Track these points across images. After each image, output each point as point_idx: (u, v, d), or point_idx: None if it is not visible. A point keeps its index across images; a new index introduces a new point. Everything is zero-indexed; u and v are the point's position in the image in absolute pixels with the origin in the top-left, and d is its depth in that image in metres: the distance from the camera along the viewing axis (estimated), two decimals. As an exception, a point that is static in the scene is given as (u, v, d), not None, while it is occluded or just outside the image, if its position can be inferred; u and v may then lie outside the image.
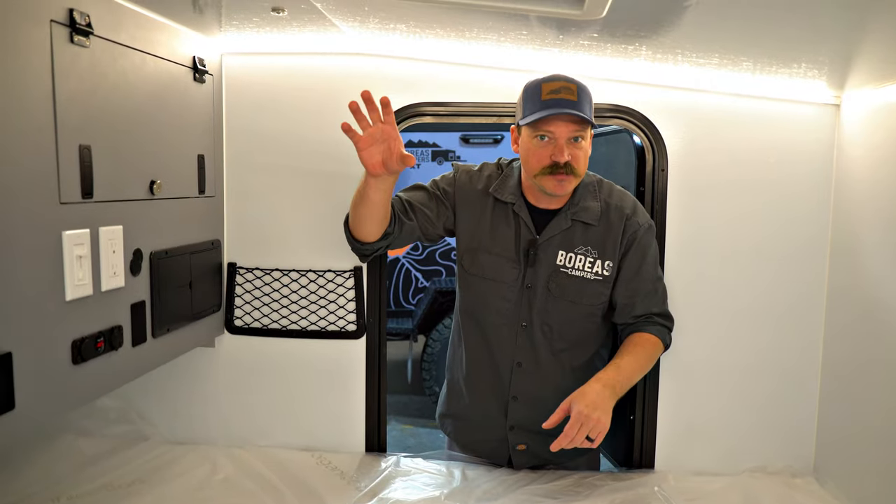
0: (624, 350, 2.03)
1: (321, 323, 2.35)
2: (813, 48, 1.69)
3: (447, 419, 2.30)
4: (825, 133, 2.19)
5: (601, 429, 1.77)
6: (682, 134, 2.22)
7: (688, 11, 1.47)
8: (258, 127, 2.31)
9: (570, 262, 2.03)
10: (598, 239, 2.04)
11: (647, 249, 2.07)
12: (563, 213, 2.03)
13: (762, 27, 1.57)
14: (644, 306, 2.08)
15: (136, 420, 2.39)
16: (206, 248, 2.19)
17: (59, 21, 1.49)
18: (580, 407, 1.77)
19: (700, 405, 2.32)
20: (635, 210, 2.07)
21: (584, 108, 1.85)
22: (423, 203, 2.08)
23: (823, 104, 2.18)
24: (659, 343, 2.07)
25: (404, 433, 5.26)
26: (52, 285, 1.51)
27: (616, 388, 1.88)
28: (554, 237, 2.03)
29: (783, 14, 1.44)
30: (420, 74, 2.25)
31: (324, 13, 1.80)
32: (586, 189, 2.05)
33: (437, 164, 6.31)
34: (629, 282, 2.06)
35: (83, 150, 1.58)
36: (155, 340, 1.91)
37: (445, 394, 2.31)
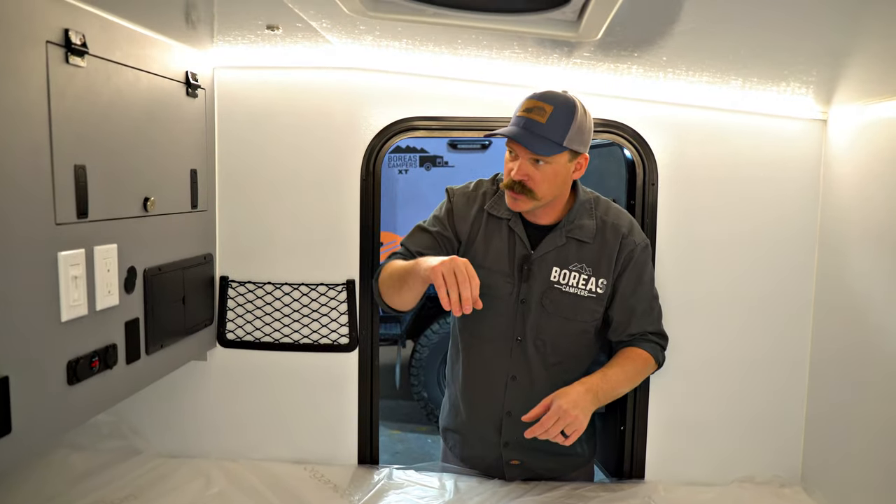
0: (613, 361, 2.05)
1: (313, 336, 2.36)
2: (801, 67, 1.71)
3: (448, 433, 2.31)
4: (812, 148, 2.22)
5: (577, 426, 1.79)
6: (671, 148, 2.24)
7: (680, 34, 1.49)
8: (251, 140, 2.31)
9: (564, 279, 2.03)
10: (592, 256, 2.04)
11: (643, 268, 2.09)
12: (559, 230, 2.03)
13: (752, 47, 1.59)
14: (639, 325, 2.09)
15: (128, 434, 2.38)
16: (199, 263, 2.19)
17: (54, 42, 1.49)
18: (560, 402, 1.80)
19: (690, 416, 2.35)
20: (632, 229, 2.07)
21: (548, 133, 1.83)
22: (430, 249, 2.06)
23: (811, 119, 2.22)
24: (650, 360, 2.08)
25: (392, 438, 5.27)
26: (47, 307, 1.51)
27: (598, 394, 1.90)
28: (548, 253, 2.03)
29: (773, 35, 1.46)
30: (412, 89, 2.26)
31: (319, 31, 1.81)
32: (582, 206, 2.05)
33: (424, 169, 6.31)
34: (625, 300, 2.07)
35: (78, 170, 1.58)
36: (149, 357, 1.91)
37: (447, 408, 2.32)
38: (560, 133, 1.83)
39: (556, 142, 1.83)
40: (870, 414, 1.94)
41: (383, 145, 2.28)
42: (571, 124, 1.84)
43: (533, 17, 1.46)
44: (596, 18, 1.38)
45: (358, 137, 2.27)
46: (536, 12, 1.43)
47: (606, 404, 2.43)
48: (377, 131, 2.26)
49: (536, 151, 1.84)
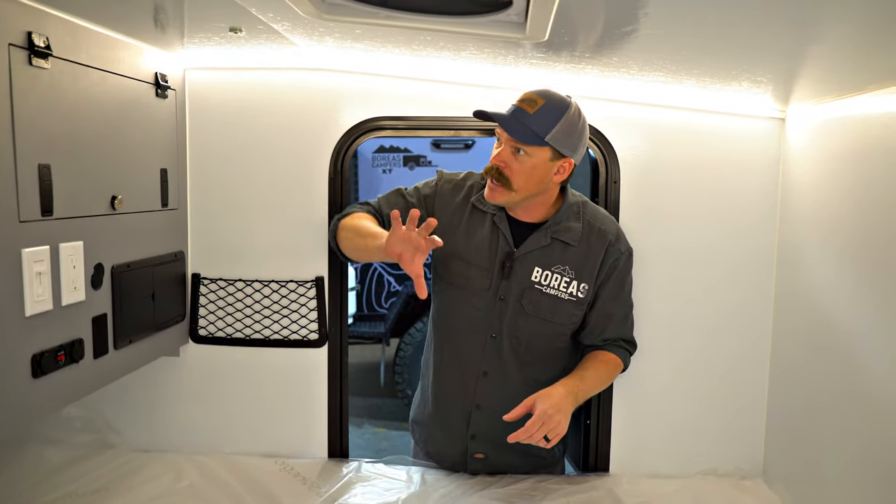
0: (588, 363, 2.07)
1: (284, 332, 2.40)
2: (756, 65, 1.74)
3: (416, 425, 2.35)
4: (771, 146, 2.27)
5: (559, 431, 1.82)
6: (634, 147, 2.29)
7: (629, 36, 1.53)
8: (222, 140, 2.35)
9: (545, 280, 2.05)
10: (576, 260, 2.05)
11: (625, 277, 2.12)
12: (544, 230, 2.04)
13: (701, 47, 1.63)
14: (615, 332, 2.13)
15: (102, 429, 2.42)
16: (170, 260, 2.24)
17: (17, 44, 1.53)
18: (545, 406, 1.80)
19: (654, 410, 2.40)
20: (618, 236, 2.09)
21: (532, 123, 1.84)
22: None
23: (769, 118, 2.26)
24: (620, 365, 2.13)
25: (377, 436, 5.31)
26: (10, 302, 1.55)
27: (577, 396, 1.92)
28: (531, 252, 2.04)
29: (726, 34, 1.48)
30: (379, 89, 2.31)
31: (281, 33, 1.85)
32: (570, 209, 2.06)
33: (408, 169, 6.36)
34: (605, 307, 2.09)
35: (42, 169, 1.62)
36: (117, 352, 1.95)
37: (418, 399, 2.35)
38: (544, 127, 1.85)
39: (539, 134, 1.85)
40: (828, 409, 1.97)
41: (350, 145, 2.32)
42: (558, 122, 1.86)
43: (480, 19, 1.50)
44: (539, 20, 1.42)
45: (326, 137, 2.32)
46: (482, 15, 1.48)
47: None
48: (344, 131, 2.31)
49: (514, 136, 1.85)
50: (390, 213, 2.06)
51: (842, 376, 1.89)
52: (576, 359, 2.16)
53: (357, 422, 5.58)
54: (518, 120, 1.86)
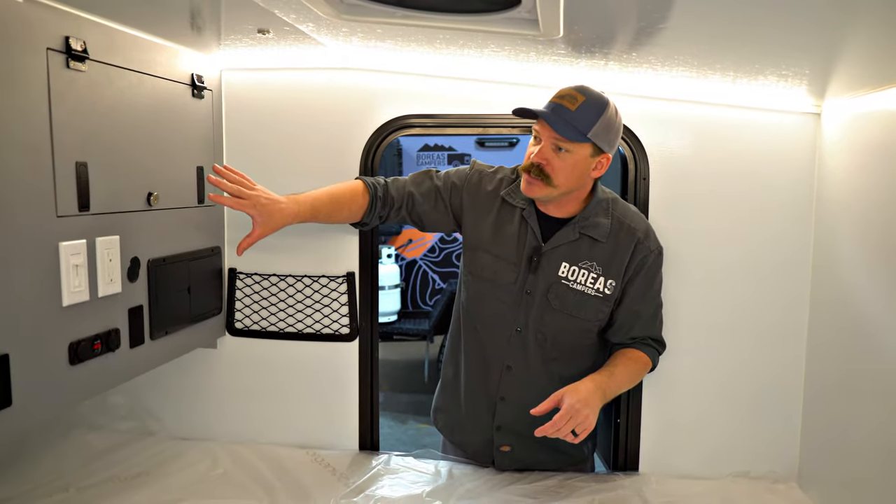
0: (618, 360, 2.06)
1: (316, 326, 2.46)
2: (788, 60, 1.71)
3: (439, 413, 2.38)
4: (806, 142, 2.22)
5: (587, 426, 1.80)
6: (663, 143, 2.27)
7: (646, 31, 1.53)
8: (257, 139, 2.42)
9: (572, 275, 2.04)
10: (604, 256, 2.05)
11: (654, 276, 2.10)
12: (572, 225, 2.04)
13: (726, 43, 1.61)
14: (643, 330, 2.11)
15: (143, 416, 2.53)
16: (206, 255, 2.31)
17: (55, 49, 1.62)
18: (572, 401, 1.80)
19: (685, 409, 2.37)
20: (648, 234, 2.08)
21: (575, 120, 1.85)
22: (424, 195, 2.16)
23: (804, 113, 2.21)
24: (649, 363, 2.12)
25: (420, 432, 5.35)
26: (49, 292, 1.63)
27: (606, 392, 1.91)
28: (559, 247, 2.04)
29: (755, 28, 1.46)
30: (408, 87, 2.34)
31: (307, 34, 1.90)
32: (599, 205, 2.06)
33: (452, 167, 6.40)
34: (633, 305, 2.08)
35: (80, 166, 1.71)
36: (153, 342, 2.03)
37: (439, 388, 2.38)
38: (586, 123, 1.86)
39: (581, 131, 1.86)
40: (867, 412, 1.92)
41: (381, 143, 2.36)
42: (600, 118, 1.87)
43: (493, 17, 1.52)
44: (550, 17, 1.43)
45: (357, 135, 2.36)
46: (495, 12, 1.49)
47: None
48: (375, 129, 2.35)
49: (559, 132, 1.86)
50: (414, 190, 2.16)
51: (881, 377, 1.84)
52: (603, 356, 2.15)
53: (401, 417, 5.64)
54: (561, 117, 1.87)
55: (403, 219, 2.21)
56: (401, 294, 6.56)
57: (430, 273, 6.54)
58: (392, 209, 2.18)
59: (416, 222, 2.22)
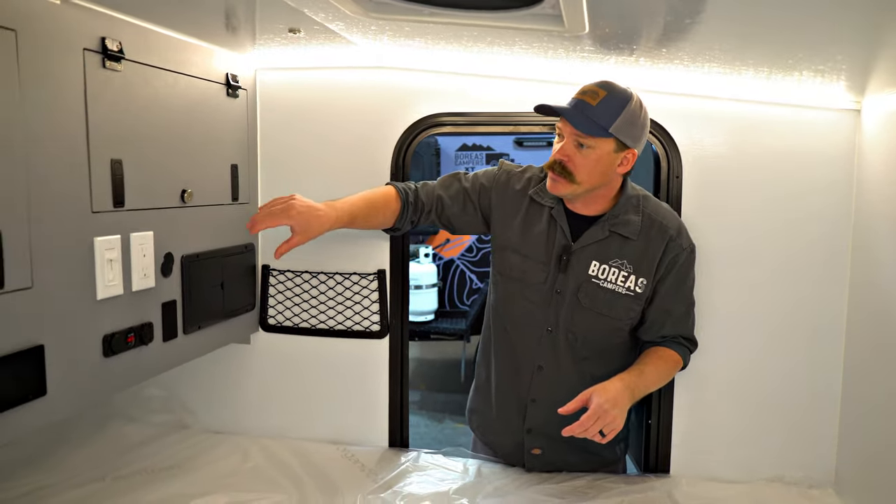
0: (648, 359, 2.04)
1: (347, 323, 2.48)
2: (825, 54, 1.66)
3: (473, 414, 2.38)
4: (845, 139, 2.16)
5: (615, 426, 1.79)
6: (697, 141, 2.23)
7: (673, 25, 1.51)
8: (291, 138, 2.45)
9: (602, 274, 2.02)
10: (635, 254, 2.02)
11: (686, 274, 2.07)
12: (601, 223, 2.02)
13: (759, 35, 1.58)
14: (674, 329, 2.08)
15: (177, 409, 2.58)
16: (240, 252, 2.35)
17: (91, 49, 1.66)
18: (600, 401, 1.78)
19: (717, 410, 2.32)
20: (680, 231, 2.04)
21: (596, 115, 1.83)
22: (452, 197, 2.17)
23: (843, 110, 2.15)
24: (680, 362, 2.08)
25: (456, 431, 5.36)
26: (84, 285, 1.68)
27: (635, 392, 1.89)
28: (589, 246, 2.02)
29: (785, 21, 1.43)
30: (439, 86, 2.35)
31: (337, 32, 1.92)
32: (629, 202, 2.03)
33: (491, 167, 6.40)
34: (664, 303, 2.05)
35: (115, 163, 1.75)
36: (186, 336, 2.08)
37: (473, 389, 2.38)
38: (608, 118, 1.84)
39: (603, 126, 1.84)
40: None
41: (412, 141, 2.37)
42: (622, 113, 1.85)
43: (518, 13, 1.51)
44: (573, 12, 1.42)
45: (388, 134, 2.38)
46: (518, 9, 1.49)
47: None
48: (406, 127, 2.36)
49: (579, 128, 1.84)
50: (443, 193, 2.16)
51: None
52: (634, 355, 2.12)
53: (438, 417, 5.65)
54: (582, 113, 1.85)
55: (433, 222, 2.22)
56: (438, 293, 6.58)
57: (468, 273, 6.54)
58: (422, 213, 2.18)
59: (445, 225, 2.22)
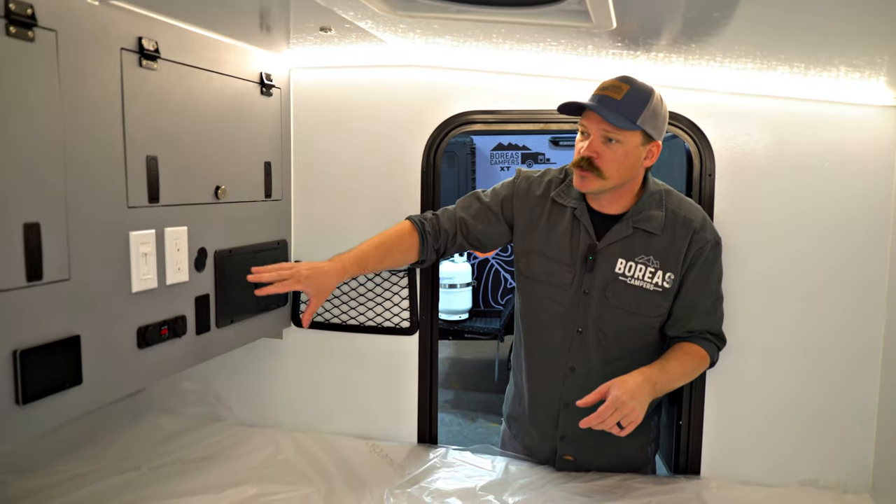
0: (672, 354, 2.01)
1: (377, 319, 2.50)
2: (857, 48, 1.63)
3: (512, 420, 2.37)
4: (885, 136, 2.11)
5: (633, 418, 1.78)
6: (729, 138, 2.20)
7: (701, 21, 1.49)
8: (324, 136, 2.49)
9: (629, 271, 2.01)
10: (660, 249, 2.01)
11: (712, 267, 2.04)
12: (625, 220, 2.01)
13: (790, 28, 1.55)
14: (700, 324, 2.06)
15: (212, 402, 2.63)
16: (273, 248, 2.39)
17: (128, 48, 1.71)
18: (618, 392, 1.78)
19: (750, 411, 2.29)
20: (704, 224, 2.03)
21: (623, 109, 1.83)
22: (475, 216, 2.17)
23: (884, 106, 2.10)
24: (707, 359, 2.05)
25: (490, 431, 5.36)
26: (119, 278, 1.73)
27: (656, 386, 1.88)
28: (614, 244, 2.01)
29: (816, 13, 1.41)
30: (469, 84, 2.36)
31: (367, 31, 1.94)
32: (652, 197, 2.02)
33: (526, 166, 6.39)
34: (689, 297, 2.03)
35: (150, 160, 1.80)
36: (219, 330, 2.12)
37: (511, 395, 2.38)
38: (635, 111, 1.84)
39: (631, 118, 1.84)
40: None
41: (443, 139, 2.38)
42: (647, 105, 1.85)
43: (545, 9, 1.52)
44: (600, 8, 1.41)
45: (419, 132, 2.39)
46: (545, 5, 1.49)
47: (668, 398, 2.42)
48: (437, 125, 2.37)
49: (610, 121, 1.84)
50: (464, 214, 2.18)
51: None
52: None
53: (471, 416, 5.66)
54: (608, 107, 1.85)
55: (462, 245, 2.22)
56: (472, 292, 6.58)
57: (502, 272, 6.53)
58: (448, 239, 2.19)
59: (475, 245, 2.23)
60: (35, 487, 2.02)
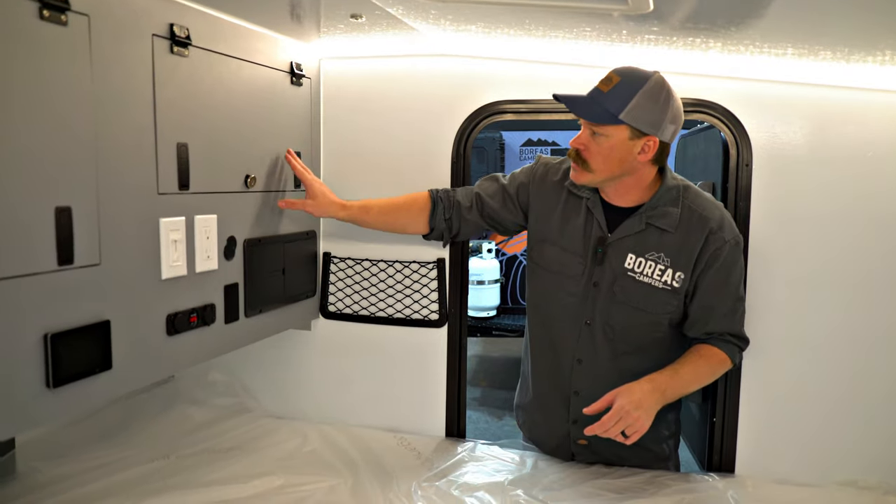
0: (688, 358, 1.98)
1: (406, 311, 2.48)
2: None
3: (519, 410, 2.36)
4: (935, 127, 2.04)
5: (638, 428, 1.78)
6: (767, 128, 2.14)
7: (742, 4, 1.45)
8: (353, 126, 2.47)
9: (638, 267, 1.97)
10: (673, 247, 1.95)
11: (731, 268, 1.97)
12: (638, 215, 1.96)
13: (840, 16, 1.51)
14: (719, 325, 2.00)
15: (240, 393, 2.63)
16: (301, 238, 2.38)
17: (160, 35, 1.71)
18: (622, 402, 1.79)
19: (787, 409, 2.23)
20: (722, 224, 1.95)
21: (606, 102, 1.80)
22: (492, 195, 2.18)
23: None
24: (726, 361, 2.00)
25: (516, 428, 5.31)
26: (149, 265, 1.73)
27: (666, 393, 1.86)
28: (625, 238, 1.97)
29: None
30: (500, 73, 2.33)
31: (398, 17, 1.92)
32: (668, 193, 1.96)
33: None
34: (707, 299, 1.98)
35: (181, 147, 1.79)
36: (248, 319, 2.11)
37: (519, 385, 2.37)
38: (617, 105, 1.79)
39: (612, 112, 1.79)
40: None
41: (473, 129, 2.35)
42: (633, 98, 1.79)
43: (579, -9, 1.48)
44: (637, -12, 1.38)
45: (449, 122, 2.37)
46: (580, -14, 1.46)
47: (701, 394, 2.37)
48: (467, 115, 2.35)
49: (584, 117, 1.84)
50: (481, 191, 2.20)
51: None
52: (679, 350, 2.04)
53: (498, 413, 5.62)
54: (593, 100, 1.83)
55: (476, 222, 2.21)
56: (500, 289, 6.54)
57: (530, 269, 6.48)
58: (461, 211, 2.19)
59: (489, 223, 2.22)
60: (66, 474, 2.03)
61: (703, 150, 2.75)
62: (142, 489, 1.97)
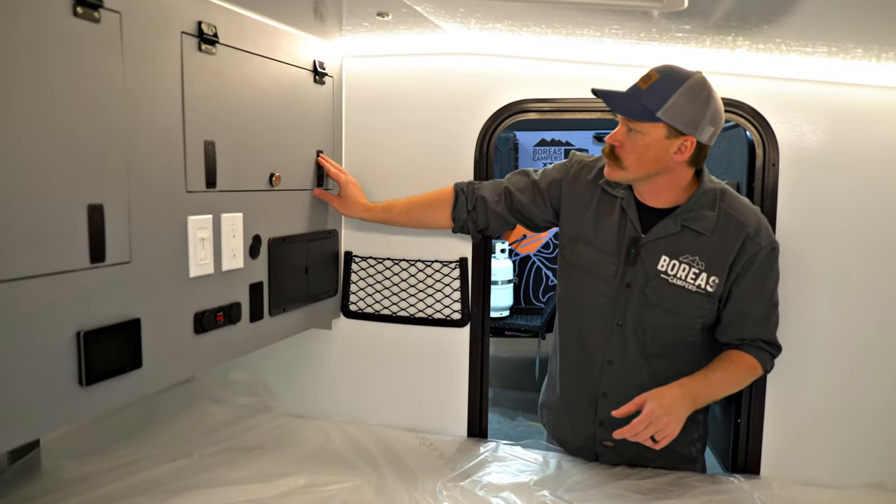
0: (719, 364, 1.96)
1: (428, 311, 2.47)
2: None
3: (544, 409, 2.35)
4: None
5: (668, 433, 1.76)
6: (795, 127, 2.13)
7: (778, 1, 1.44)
8: (376, 124, 2.46)
9: (672, 270, 1.95)
10: (708, 251, 1.93)
11: (766, 274, 1.95)
12: (674, 217, 1.94)
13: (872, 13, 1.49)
14: (752, 331, 1.98)
15: (262, 392, 2.63)
16: (324, 237, 2.38)
17: (188, 32, 1.71)
18: (653, 406, 1.76)
19: (812, 412, 2.21)
20: (759, 229, 1.92)
21: (644, 99, 1.78)
22: (521, 189, 2.17)
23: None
24: (758, 367, 1.98)
25: (530, 429, 5.30)
26: (177, 263, 1.73)
27: (697, 399, 1.84)
28: (660, 240, 1.95)
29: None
30: (525, 71, 2.31)
31: (424, 15, 1.91)
32: (705, 195, 1.93)
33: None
34: (741, 304, 1.95)
35: (208, 145, 1.79)
36: (272, 318, 2.11)
37: (547, 383, 2.35)
38: (656, 102, 1.77)
39: (650, 109, 1.78)
40: None
41: (496, 128, 2.35)
42: (672, 97, 1.76)
43: (613, -12, 1.47)
44: (674, -15, 1.37)
45: (472, 121, 2.36)
46: (615, -17, 1.45)
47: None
48: (490, 114, 2.34)
49: (622, 112, 1.83)
50: (510, 186, 2.19)
51: None
52: (710, 355, 2.02)
53: (510, 414, 5.61)
54: (631, 97, 1.81)
55: (504, 217, 2.20)
56: (513, 289, 6.53)
57: (544, 269, 6.47)
58: (488, 204, 2.18)
59: (517, 218, 2.21)
60: (91, 472, 2.03)
61: (726, 149, 2.73)
62: (167, 488, 1.97)
